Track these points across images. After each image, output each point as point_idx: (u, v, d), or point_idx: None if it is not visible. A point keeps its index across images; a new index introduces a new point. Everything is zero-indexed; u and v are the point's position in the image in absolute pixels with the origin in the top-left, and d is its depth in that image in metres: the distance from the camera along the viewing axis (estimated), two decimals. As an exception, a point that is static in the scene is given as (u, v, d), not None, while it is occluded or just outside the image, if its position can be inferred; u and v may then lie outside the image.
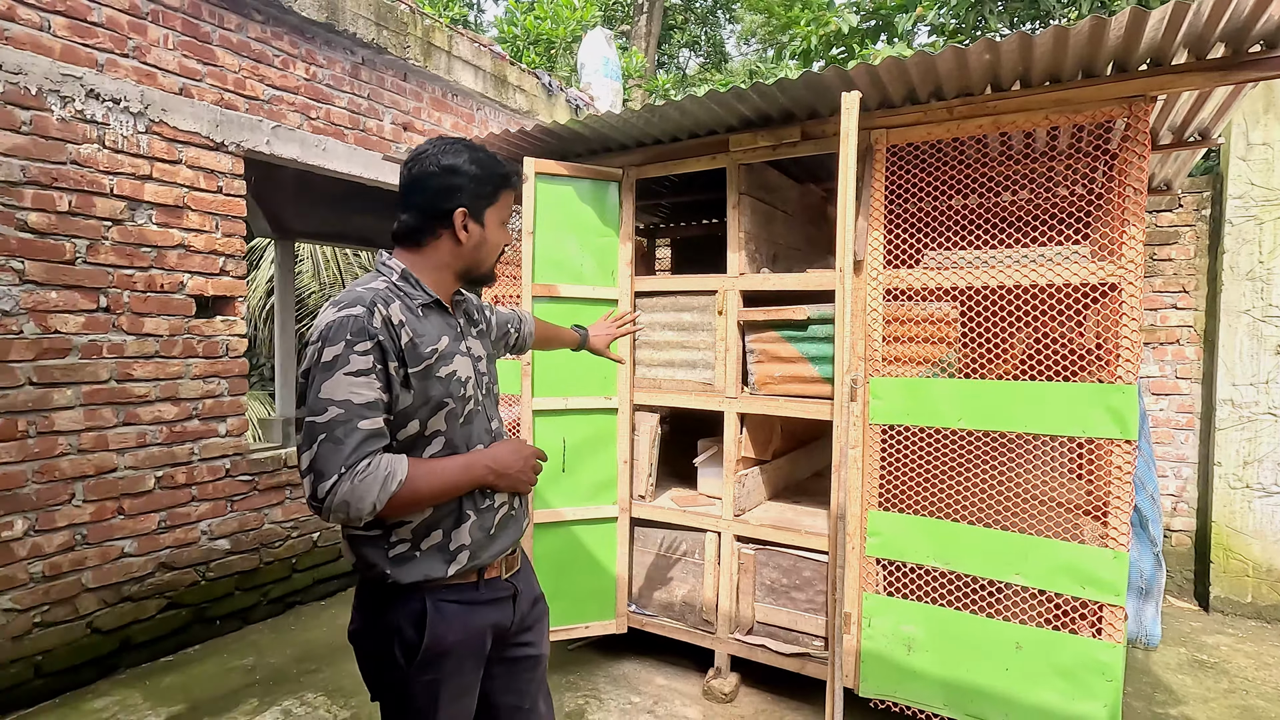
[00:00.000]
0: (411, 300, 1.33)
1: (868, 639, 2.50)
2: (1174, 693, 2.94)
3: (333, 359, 1.20)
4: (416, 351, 1.28)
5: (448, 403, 1.33)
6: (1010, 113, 2.28)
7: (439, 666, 1.32)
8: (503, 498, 1.41)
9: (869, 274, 2.48)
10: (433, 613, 1.31)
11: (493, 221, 1.41)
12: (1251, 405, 3.69)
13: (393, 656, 1.31)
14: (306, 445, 1.19)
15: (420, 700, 1.33)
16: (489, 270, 1.46)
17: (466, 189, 1.35)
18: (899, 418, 2.44)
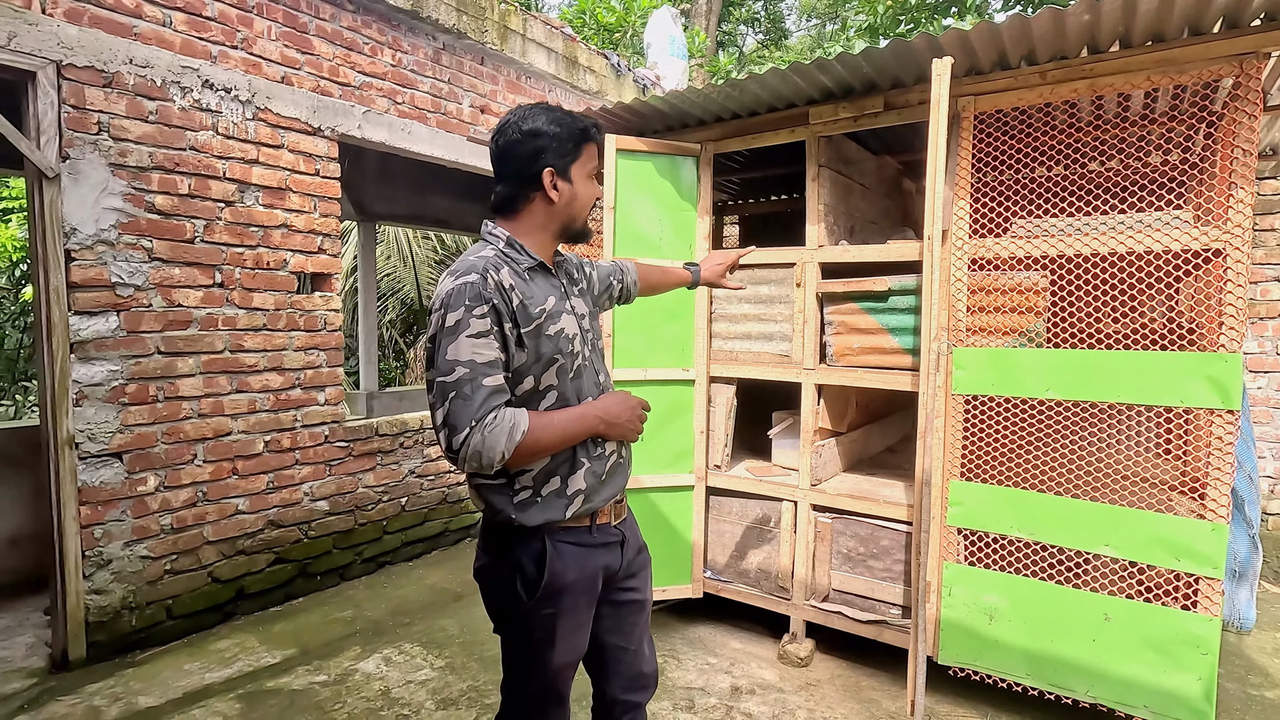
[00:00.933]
0: (518, 265, 1.41)
1: (948, 608, 2.52)
2: (1270, 676, 2.85)
3: (455, 323, 1.29)
4: (527, 312, 1.37)
5: (558, 359, 1.41)
6: (1108, 75, 2.22)
7: (556, 602, 1.43)
8: (612, 446, 1.50)
9: (954, 244, 2.46)
10: (552, 552, 1.42)
11: (579, 176, 1.46)
12: (1362, 383, 3.49)
13: (515, 591, 1.42)
14: (439, 403, 1.29)
15: (538, 632, 1.44)
16: (584, 225, 1.51)
17: (550, 149, 1.41)
18: (983, 388, 2.43)
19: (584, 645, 1.53)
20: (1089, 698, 2.29)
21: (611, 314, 2.95)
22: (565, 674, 1.51)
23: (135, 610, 2.89)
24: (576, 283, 1.60)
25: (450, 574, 3.83)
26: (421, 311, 9.19)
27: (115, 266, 2.78)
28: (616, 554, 1.54)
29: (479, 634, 3.10)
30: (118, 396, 2.80)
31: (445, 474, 4.17)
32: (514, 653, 1.50)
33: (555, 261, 1.53)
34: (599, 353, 1.58)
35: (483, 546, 1.50)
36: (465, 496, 4.31)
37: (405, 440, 3.92)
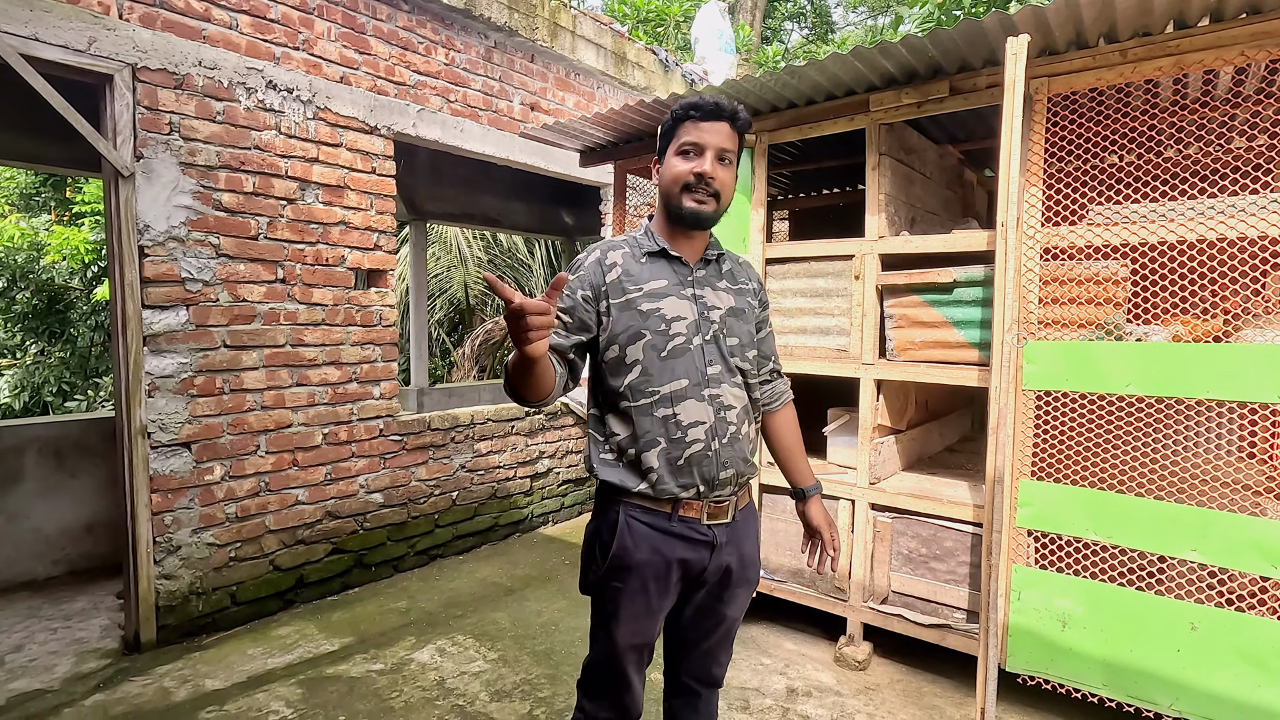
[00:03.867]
0: (639, 249, 1.51)
1: (1016, 613, 2.41)
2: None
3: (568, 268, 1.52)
4: (621, 286, 1.46)
5: (645, 334, 1.44)
6: (1197, 51, 2.09)
7: (624, 578, 1.46)
8: (695, 434, 1.44)
9: (1025, 232, 2.36)
10: (623, 524, 1.46)
11: (669, 156, 1.48)
12: None
13: (594, 555, 1.51)
14: None
15: (606, 604, 1.50)
16: (677, 203, 1.46)
17: (660, 136, 1.52)
18: (1056, 383, 2.32)
19: (652, 633, 1.52)
20: (1173, 711, 2.16)
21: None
22: (628, 656, 1.51)
23: (202, 595, 2.98)
24: (736, 283, 1.58)
25: (500, 568, 3.85)
26: (468, 310, 9.33)
27: (185, 262, 2.87)
28: (703, 554, 1.49)
29: (530, 628, 3.10)
30: (187, 388, 2.90)
31: (495, 469, 4.20)
32: (591, 618, 1.58)
33: (705, 256, 1.55)
34: (722, 349, 1.50)
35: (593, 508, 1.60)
36: (514, 492, 4.34)
37: (456, 435, 3.96)
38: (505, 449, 4.25)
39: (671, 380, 1.45)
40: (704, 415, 1.45)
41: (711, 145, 1.42)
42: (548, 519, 4.61)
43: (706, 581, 1.53)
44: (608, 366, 1.48)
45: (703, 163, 1.42)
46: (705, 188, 1.43)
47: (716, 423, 1.46)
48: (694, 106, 1.44)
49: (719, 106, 1.43)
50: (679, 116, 1.45)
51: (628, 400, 1.45)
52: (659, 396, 1.44)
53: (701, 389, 1.46)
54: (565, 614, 3.26)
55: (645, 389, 1.44)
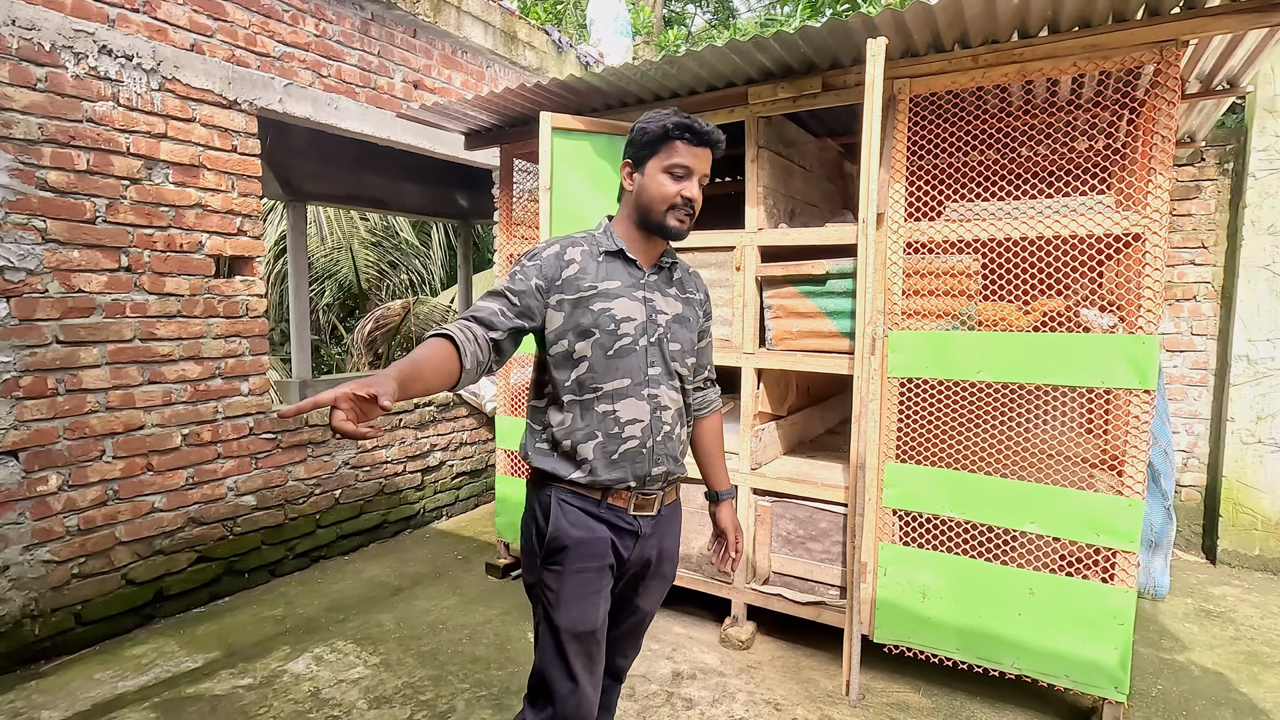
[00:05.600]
0: (597, 247, 1.54)
1: (883, 587, 2.56)
2: (1180, 640, 3.01)
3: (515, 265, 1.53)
4: (575, 283, 1.48)
5: (595, 332, 1.47)
6: (1038, 60, 2.24)
7: (560, 558, 1.48)
8: (632, 431, 1.50)
9: (890, 227, 2.47)
10: (555, 507, 1.49)
11: (653, 170, 1.50)
12: (1267, 361, 3.69)
13: (532, 546, 1.53)
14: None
15: (545, 592, 1.50)
16: (660, 219, 1.51)
17: (633, 143, 1.53)
18: (918, 371, 2.46)
19: (595, 619, 1.50)
20: (1015, 669, 2.36)
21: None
22: (571, 646, 1.47)
23: (39, 618, 2.69)
24: (684, 292, 1.64)
25: (389, 567, 3.71)
26: (361, 295, 8.89)
27: (3, 249, 2.55)
28: (628, 542, 1.54)
29: (417, 628, 3.01)
30: (10, 390, 2.59)
31: (382, 464, 4.03)
32: (535, 621, 1.55)
33: (660, 262, 1.59)
34: (664, 353, 1.55)
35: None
36: (404, 487, 4.18)
37: (338, 430, 3.76)
38: (393, 443, 4.09)
39: (615, 378, 1.49)
40: (642, 414, 1.51)
41: (698, 171, 1.50)
42: (441, 513, 4.48)
43: (627, 571, 1.58)
44: (554, 360, 1.50)
45: (691, 186, 1.49)
46: (689, 209, 1.51)
47: (653, 421, 1.52)
48: (690, 130, 1.48)
49: (711, 135, 1.49)
50: (671, 135, 1.48)
51: (572, 394, 1.49)
52: (601, 393, 1.48)
53: (642, 388, 1.51)
54: (455, 611, 3.19)
55: (590, 384, 1.48)
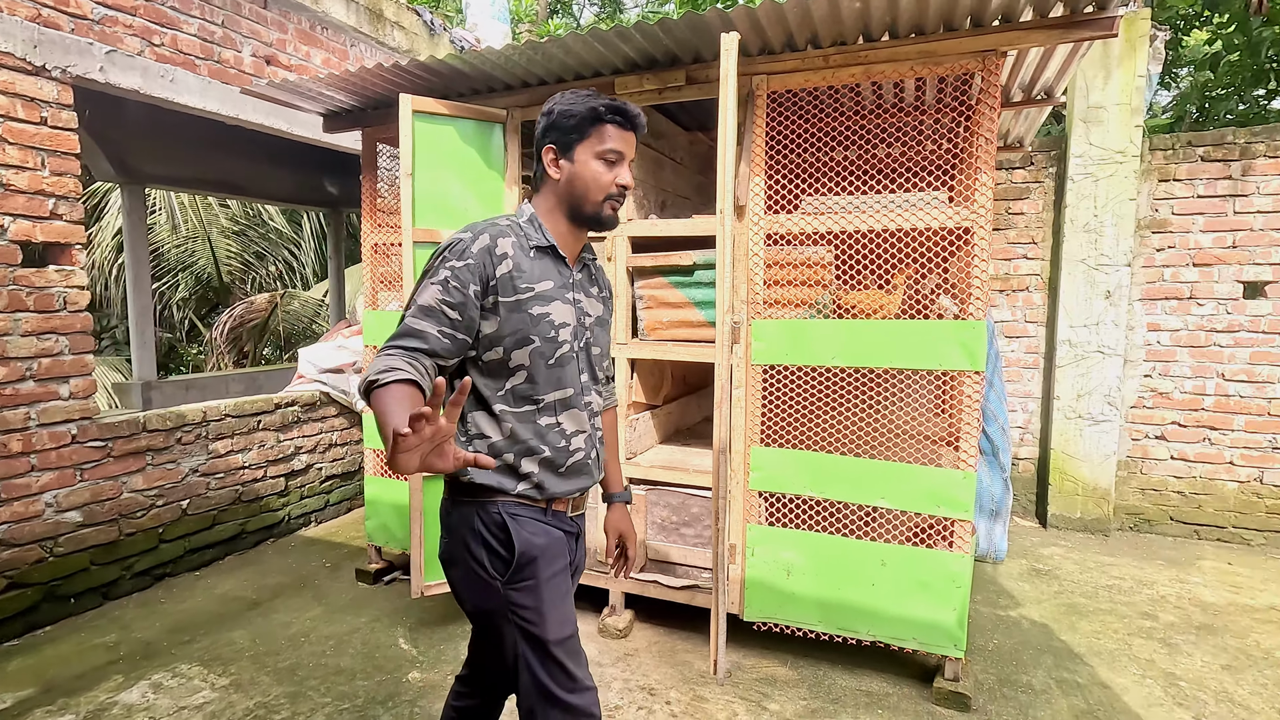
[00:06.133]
0: (527, 241, 1.41)
1: (751, 568, 2.65)
2: (1014, 598, 3.33)
3: (432, 267, 1.34)
4: (512, 284, 1.35)
5: (534, 340, 1.37)
6: (880, 63, 2.38)
7: (534, 569, 1.37)
8: (578, 443, 1.45)
9: (751, 219, 2.55)
10: (512, 521, 1.37)
11: (585, 156, 1.39)
12: (1085, 345, 4.14)
13: (484, 570, 1.37)
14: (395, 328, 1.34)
15: (521, 609, 1.36)
16: (595, 209, 1.41)
17: (556, 126, 1.39)
18: (779, 358, 2.56)
19: (574, 618, 1.44)
20: (870, 636, 2.52)
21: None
22: (564, 653, 1.37)
23: None
24: (601, 290, 1.58)
25: (247, 580, 3.45)
26: (223, 288, 8.19)
27: None
28: (571, 544, 1.50)
29: (275, 644, 2.81)
30: None
31: (239, 470, 3.73)
32: (500, 645, 1.40)
33: (582, 258, 1.51)
34: (591, 358, 1.52)
35: (442, 525, 1.45)
36: (265, 494, 3.89)
37: (184, 435, 3.44)
38: (251, 446, 3.79)
39: (557, 389, 1.42)
40: (583, 424, 1.47)
41: (628, 155, 1.42)
42: (310, 519, 4.21)
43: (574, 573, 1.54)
44: (484, 367, 1.39)
45: (624, 173, 1.41)
46: (622, 197, 1.43)
47: (592, 430, 1.49)
48: (620, 112, 1.38)
49: (640, 118, 1.42)
50: (600, 117, 1.37)
51: (506, 405, 1.39)
52: (543, 404, 1.40)
53: (580, 397, 1.46)
54: (320, 621, 3.00)
55: (529, 396, 1.40)
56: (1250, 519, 4.05)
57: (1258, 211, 3.92)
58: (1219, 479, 4.10)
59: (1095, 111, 4.00)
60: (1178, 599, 3.31)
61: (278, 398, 3.95)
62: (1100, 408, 4.13)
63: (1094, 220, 4.05)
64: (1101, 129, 4.00)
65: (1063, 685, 2.56)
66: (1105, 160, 4.00)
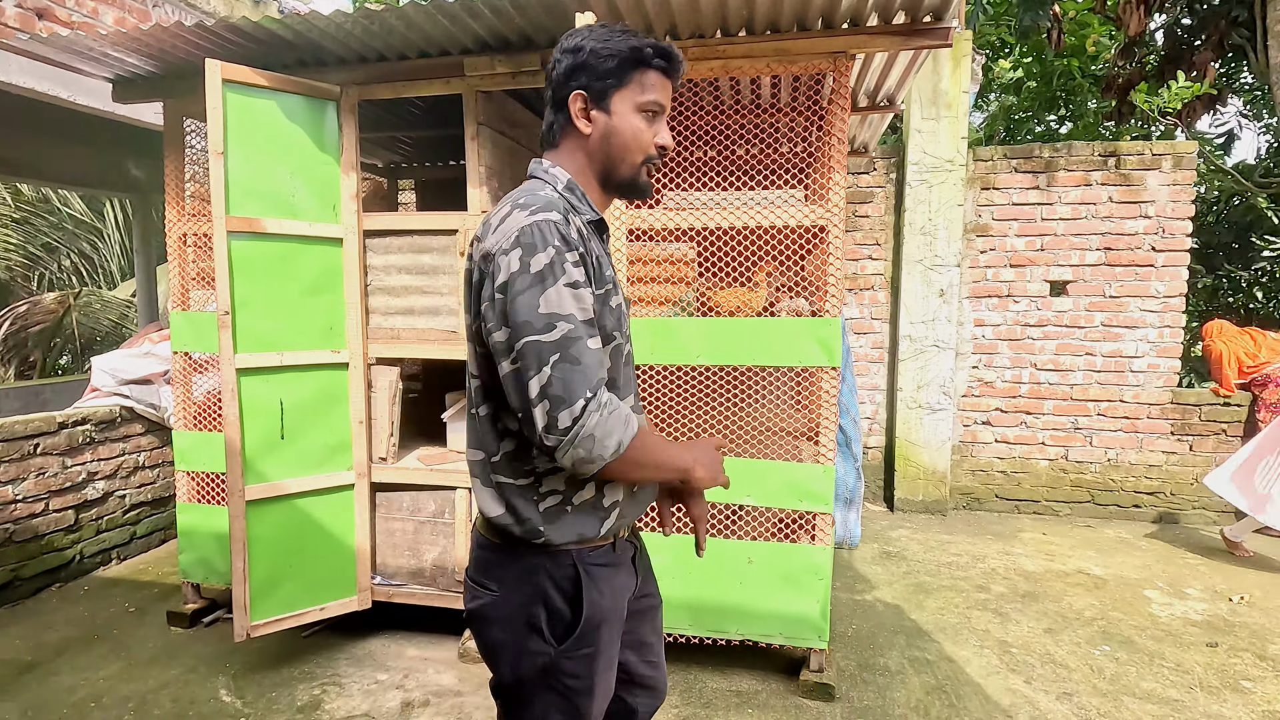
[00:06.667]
0: (580, 215, 1.15)
1: (620, 575, 2.55)
2: (869, 581, 3.49)
3: (543, 268, 1.02)
4: (601, 274, 1.12)
5: (616, 337, 1.16)
6: (738, 58, 2.36)
7: (595, 639, 1.16)
8: None
9: (612, 213, 2.45)
10: (586, 579, 1.15)
11: (623, 108, 1.15)
12: (923, 339, 4.46)
13: (539, 635, 1.13)
14: (534, 368, 1.00)
15: (574, 681, 1.15)
16: (633, 173, 1.18)
17: (585, 67, 1.14)
18: (645, 357, 2.48)
19: (614, 684, 1.26)
20: (739, 635, 2.50)
21: (229, 285, 2.38)
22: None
23: None
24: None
25: (19, 638, 2.85)
26: (3, 287, 6.91)
27: None
28: (633, 571, 1.28)
29: (53, 713, 2.33)
30: None
31: (9, 505, 3.09)
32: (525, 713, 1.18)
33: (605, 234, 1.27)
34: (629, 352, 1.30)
35: (483, 575, 1.18)
36: (46, 531, 3.26)
37: (-72, 466, 2.79)
38: (25, 475, 3.15)
39: (630, 393, 1.23)
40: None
41: (667, 109, 1.20)
42: (111, 556, 3.59)
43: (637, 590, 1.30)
44: None
45: (665, 131, 1.19)
46: (660, 160, 1.21)
47: None
48: (666, 55, 1.16)
49: (683, 65, 1.20)
50: (645, 59, 1.14)
51: None
52: None
53: (637, 399, 1.29)
54: (118, 680, 2.53)
55: None
56: (1058, 493, 4.56)
57: (1060, 218, 4.41)
58: (1033, 458, 4.57)
59: (928, 123, 4.32)
60: (1005, 570, 3.63)
61: (63, 415, 3.32)
62: (936, 397, 4.47)
63: (929, 224, 4.37)
64: (933, 139, 4.32)
65: (915, 664, 2.69)
66: (937, 168, 4.33)
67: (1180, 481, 4.39)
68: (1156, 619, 3.08)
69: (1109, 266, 4.37)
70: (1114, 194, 4.32)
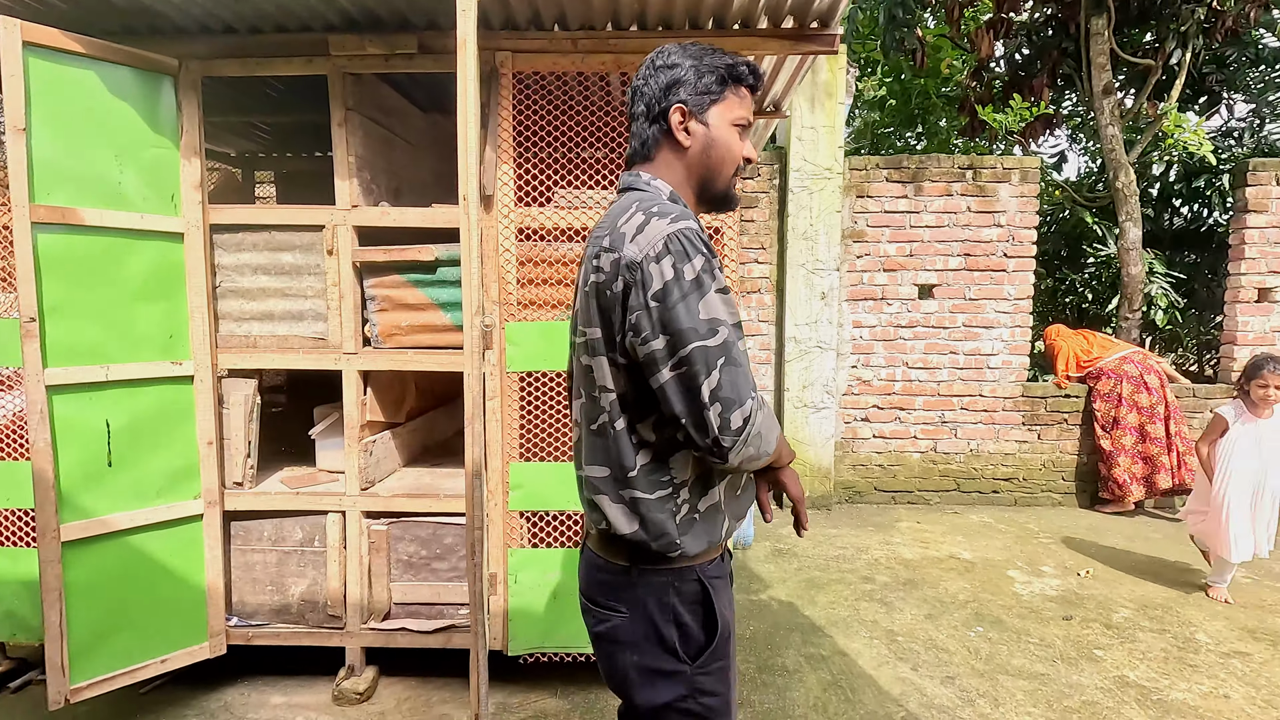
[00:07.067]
0: None
1: (515, 596, 2.40)
2: (764, 580, 3.53)
3: (698, 274, 1.04)
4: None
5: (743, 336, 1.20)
6: (630, 53, 2.28)
7: (725, 651, 1.18)
8: None
9: (500, 211, 2.30)
10: (712, 591, 1.15)
11: (720, 121, 1.19)
12: (807, 341, 4.61)
13: (673, 652, 1.13)
14: (702, 372, 1.02)
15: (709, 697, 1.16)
16: (726, 184, 1.23)
17: (685, 82, 1.17)
18: (538, 363, 2.34)
19: None
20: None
21: (35, 287, 2.00)
22: None
23: None
24: None
25: None
26: None
27: None
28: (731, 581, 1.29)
29: None
30: None
31: None
32: None
33: None
34: None
35: (610, 597, 1.17)
36: None
37: None
38: None
39: None
40: None
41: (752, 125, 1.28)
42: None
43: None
44: None
45: (749, 145, 1.24)
46: (742, 173, 1.27)
47: None
48: (755, 74, 1.22)
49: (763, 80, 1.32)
50: (739, 77, 1.19)
51: None
52: None
53: None
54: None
55: None
56: (929, 482, 4.86)
57: (926, 226, 4.71)
58: (907, 451, 4.85)
59: (808, 131, 4.47)
60: (887, 560, 3.80)
61: None
62: (820, 396, 4.63)
63: (810, 229, 4.52)
64: (813, 148, 4.48)
65: (811, 661, 2.73)
66: (817, 176, 4.49)
67: (1031, 467, 4.82)
68: (1020, 597, 3.33)
69: (969, 271, 4.72)
70: (972, 204, 4.68)
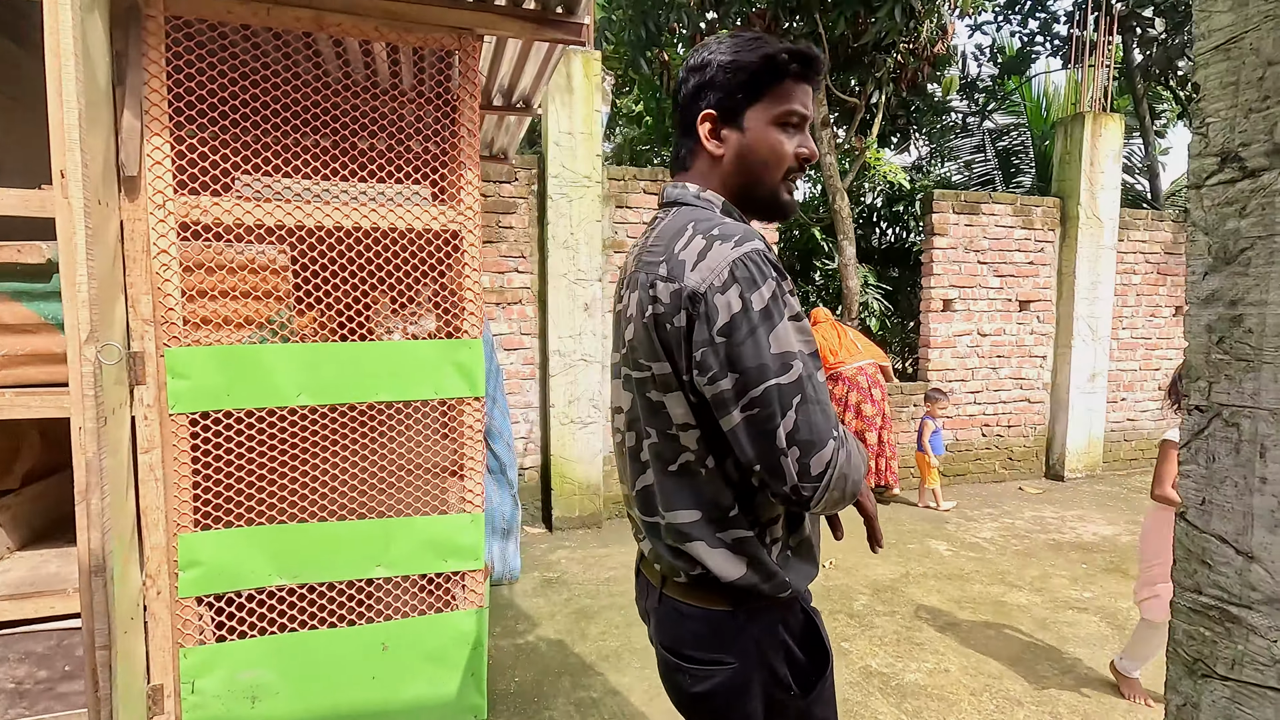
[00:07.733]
0: None
1: (194, 709, 1.81)
2: (531, 617, 3.24)
3: (768, 304, 0.94)
4: None
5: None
6: (337, 12, 1.85)
7: (831, 675, 1.13)
8: None
9: (152, 199, 1.71)
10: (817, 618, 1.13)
11: (758, 123, 1.06)
12: (571, 354, 4.43)
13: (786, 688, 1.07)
14: (776, 414, 0.93)
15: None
16: (772, 190, 1.09)
17: (714, 84, 1.06)
18: (217, 401, 1.79)
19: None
20: (376, 743, 1.98)
21: None
22: None
23: None
24: None
25: None
26: None
27: None
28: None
29: None
30: None
31: None
32: None
33: None
34: None
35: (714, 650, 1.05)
36: None
37: None
38: None
39: None
40: None
41: (810, 115, 1.09)
42: None
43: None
44: None
45: (808, 141, 1.09)
46: (802, 172, 1.10)
47: None
48: (801, 58, 1.04)
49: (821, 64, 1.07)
50: (784, 70, 1.03)
51: None
52: None
53: None
54: None
55: None
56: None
57: (682, 239, 4.81)
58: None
59: (565, 137, 4.29)
60: (657, 576, 3.74)
61: None
62: (587, 411, 4.48)
63: (571, 238, 4.35)
64: (571, 154, 4.31)
65: (580, 707, 2.50)
66: (576, 183, 4.33)
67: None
68: (777, 598, 3.45)
69: (721, 283, 4.91)
70: (722, 219, 4.88)
